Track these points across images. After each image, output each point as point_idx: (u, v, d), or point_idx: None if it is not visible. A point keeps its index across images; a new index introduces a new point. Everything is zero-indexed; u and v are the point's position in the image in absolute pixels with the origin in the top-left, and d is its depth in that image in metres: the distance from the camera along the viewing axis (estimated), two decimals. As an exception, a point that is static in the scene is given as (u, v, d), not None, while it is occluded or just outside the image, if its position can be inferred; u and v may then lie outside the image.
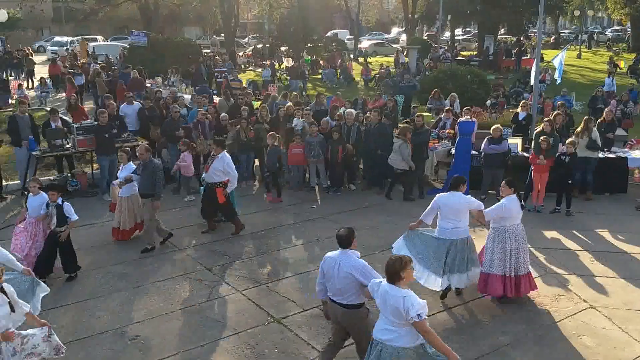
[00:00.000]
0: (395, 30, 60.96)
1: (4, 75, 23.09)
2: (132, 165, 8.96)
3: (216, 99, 16.27)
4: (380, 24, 59.28)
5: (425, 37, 43.58)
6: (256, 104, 14.51)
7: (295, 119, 12.37)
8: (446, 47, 38.89)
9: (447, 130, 12.84)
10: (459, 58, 33.30)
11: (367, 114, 12.31)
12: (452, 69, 20.45)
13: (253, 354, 6.14)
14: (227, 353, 6.17)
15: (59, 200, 7.60)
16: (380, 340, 4.64)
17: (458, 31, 47.97)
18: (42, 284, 6.51)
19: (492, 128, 10.98)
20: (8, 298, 5.02)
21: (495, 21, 35.69)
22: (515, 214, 6.95)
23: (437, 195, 7.14)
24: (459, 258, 6.89)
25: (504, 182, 7.21)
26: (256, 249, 8.91)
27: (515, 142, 11.77)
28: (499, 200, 7.24)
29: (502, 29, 41.81)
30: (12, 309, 5.04)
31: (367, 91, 22.44)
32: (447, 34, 46.68)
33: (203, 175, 9.62)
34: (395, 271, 4.52)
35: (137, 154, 9.05)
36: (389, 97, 15.52)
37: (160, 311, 7.02)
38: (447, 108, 14.06)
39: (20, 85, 21.45)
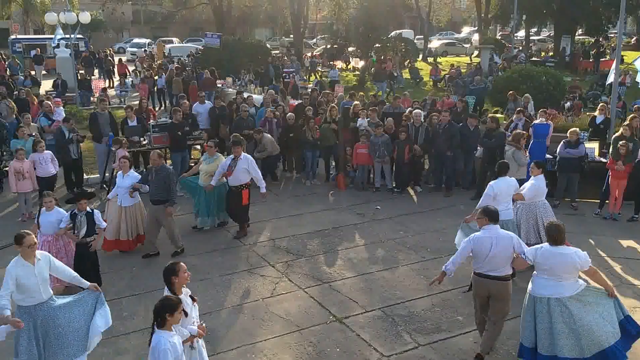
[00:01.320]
0: (466, 30, 59.56)
1: (87, 75, 24.39)
2: (135, 174, 8.65)
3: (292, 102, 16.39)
4: (451, 23, 58.13)
5: (499, 37, 42.31)
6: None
7: (360, 119, 12.35)
8: (520, 47, 37.59)
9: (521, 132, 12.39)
10: (534, 59, 32.09)
11: (434, 115, 12.07)
12: (527, 69, 19.75)
13: (315, 352, 6.18)
14: (290, 349, 6.24)
15: (88, 208, 7.30)
16: (548, 296, 5.38)
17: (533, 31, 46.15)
18: (105, 303, 5.70)
19: (569, 131, 10.53)
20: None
21: (572, 21, 34.12)
22: (543, 191, 7.94)
23: (491, 184, 7.62)
24: None
25: (533, 162, 8.09)
26: (320, 248, 8.96)
27: (592, 147, 11.20)
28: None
29: (580, 29, 39.90)
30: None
31: (436, 91, 22.03)
32: (522, 33, 45.10)
33: (229, 180, 9.24)
34: (560, 233, 5.36)
35: (150, 160, 8.69)
36: (459, 97, 15.19)
37: (226, 304, 7.20)
38: (519, 109, 13.58)
39: (104, 90, 22.71)
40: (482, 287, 5.78)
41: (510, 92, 15.85)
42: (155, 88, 21.09)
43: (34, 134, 11.32)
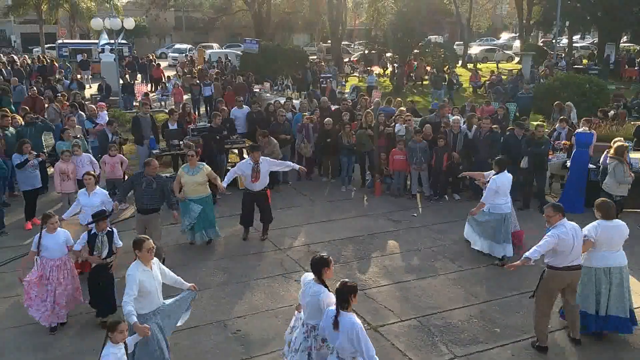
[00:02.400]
0: (505, 36, 58.60)
1: (130, 80, 25.01)
2: (102, 191, 8.05)
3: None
4: (492, 29, 57.29)
5: (541, 44, 41.48)
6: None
7: (397, 125, 12.26)
8: (563, 55, 36.75)
9: (562, 142, 12.12)
10: (576, 66, 31.32)
11: (473, 120, 11.85)
12: (569, 77, 19.27)
13: None
14: (323, 355, 6.20)
15: (108, 227, 6.74)
16: (615, 266, 6.25)
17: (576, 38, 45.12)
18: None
19: (613, 141, 10.20)
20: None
21: (617, 28, 33.15)
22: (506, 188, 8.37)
23: (493, 178, 8.23)
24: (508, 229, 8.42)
25: (494, 161, 8.46)
26: (355, 254, 8.91)
27: (637, 157, 10.83)
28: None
29: (625, 37, 38.74)
30: None
31: (476, 98, 21.72)
32: (564, 40, 44.11)
33: (252, 186, 9.15)
34: (612, 208, 6.26)
35: (147, 169, 8.21)
36: (499, 104, 14.93)
37: (261, 308, 7.22)
38: (561, 117, 13.27)
39: (147, 94, 23.24)
40: (563, 280, 6.09)
41: (557, 102, 15.42)
42: (201, 96, 21.05)
43: (78, 135, 11.65)
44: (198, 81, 21.07)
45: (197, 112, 19.94)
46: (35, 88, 15.35)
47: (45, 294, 6.52)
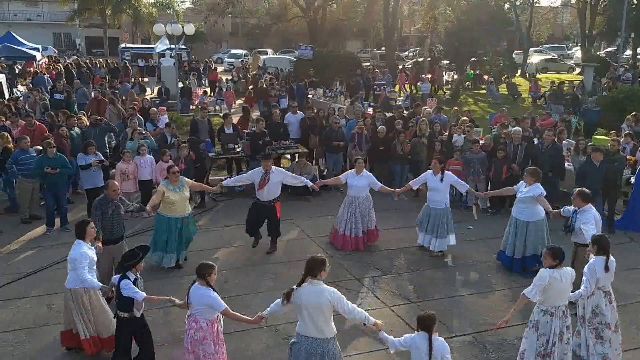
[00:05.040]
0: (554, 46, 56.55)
1: (188, 83, 25.63)
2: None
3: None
4: (552, 39, 55.59)
5: (604, 55, 39.89)
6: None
7: (455, 135, 12.02)
8: (627, 66, 35.19)
9: (626, 157, 11.55)
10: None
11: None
12: (634, 89, 18.42)
13: (400, 373, 6.01)
14: (374, 367, 6.11)
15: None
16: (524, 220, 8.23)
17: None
18: None
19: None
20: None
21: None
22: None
23: (426, 173, 9.04)
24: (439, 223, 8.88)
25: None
26: (407, 265, 8.76)
27: None
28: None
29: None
30: None
31: (535, 109, 21.06)
32: (628, 52, 42.26)
33: (260, 195, 8.87)
34: None
35: (108, 191, 7.20)
36: (560, 116, 14.42)
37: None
38: (626, 132, 12.68)
39: (205, 92, 23.80)
40: None
41: (633, 113, 14.65)
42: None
43: (143, 132, 11.94)
44: (273, 94, 19.65)
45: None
46: (100, 91, 15.90)
47: None
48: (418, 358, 4.79)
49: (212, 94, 24.02)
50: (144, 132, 11.65)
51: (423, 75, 29.39)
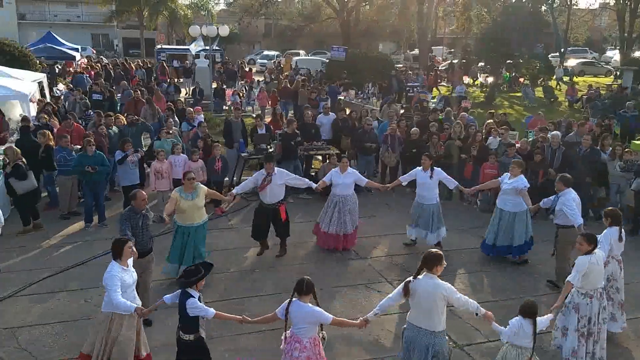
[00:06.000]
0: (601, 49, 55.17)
1: (222, 84, 25.91)
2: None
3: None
4: (590, 42, 54.28)
5: (642, 58, 38.72)
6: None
7: (490, 137, 11.84)
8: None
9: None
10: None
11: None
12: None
13: (432, 377, 5.92)
14: (405, 371, 6.04)
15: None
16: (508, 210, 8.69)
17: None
18: None
19: None
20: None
21: None
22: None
23: (415, 169, 9.15)
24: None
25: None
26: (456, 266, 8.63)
27: None
28: None
29: None
30: None
31: (572, 113, 20.59)
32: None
33: (263, 197, 8.78)
34: None
35: (136, 202, 6.75)
36: (597, 120, 14.06)
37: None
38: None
39: (237, 93, 23.98)
40: None
41: None
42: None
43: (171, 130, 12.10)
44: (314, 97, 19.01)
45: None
46: (138, 91, 16.22)
47: None
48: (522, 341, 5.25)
49: (242, 95, 24.20)
50: (170, 132, 11.81)
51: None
